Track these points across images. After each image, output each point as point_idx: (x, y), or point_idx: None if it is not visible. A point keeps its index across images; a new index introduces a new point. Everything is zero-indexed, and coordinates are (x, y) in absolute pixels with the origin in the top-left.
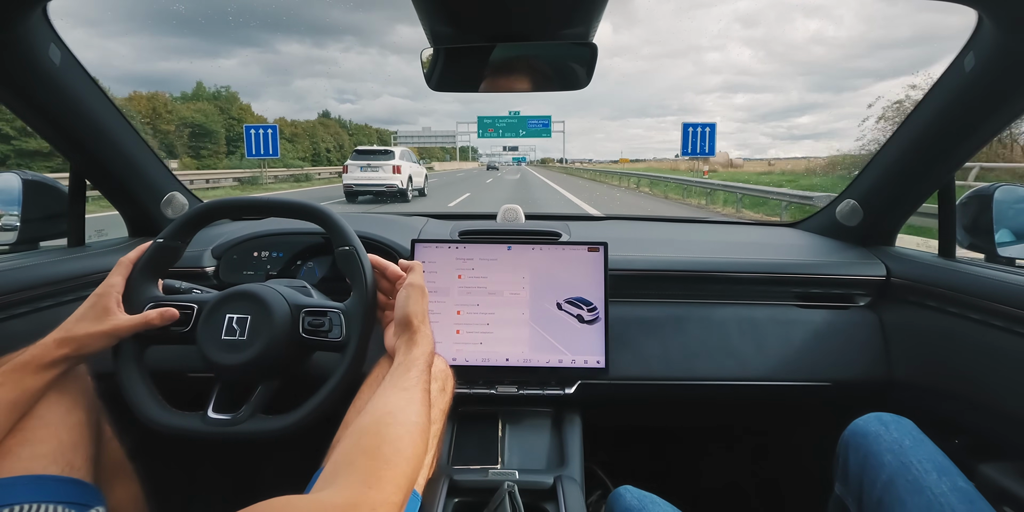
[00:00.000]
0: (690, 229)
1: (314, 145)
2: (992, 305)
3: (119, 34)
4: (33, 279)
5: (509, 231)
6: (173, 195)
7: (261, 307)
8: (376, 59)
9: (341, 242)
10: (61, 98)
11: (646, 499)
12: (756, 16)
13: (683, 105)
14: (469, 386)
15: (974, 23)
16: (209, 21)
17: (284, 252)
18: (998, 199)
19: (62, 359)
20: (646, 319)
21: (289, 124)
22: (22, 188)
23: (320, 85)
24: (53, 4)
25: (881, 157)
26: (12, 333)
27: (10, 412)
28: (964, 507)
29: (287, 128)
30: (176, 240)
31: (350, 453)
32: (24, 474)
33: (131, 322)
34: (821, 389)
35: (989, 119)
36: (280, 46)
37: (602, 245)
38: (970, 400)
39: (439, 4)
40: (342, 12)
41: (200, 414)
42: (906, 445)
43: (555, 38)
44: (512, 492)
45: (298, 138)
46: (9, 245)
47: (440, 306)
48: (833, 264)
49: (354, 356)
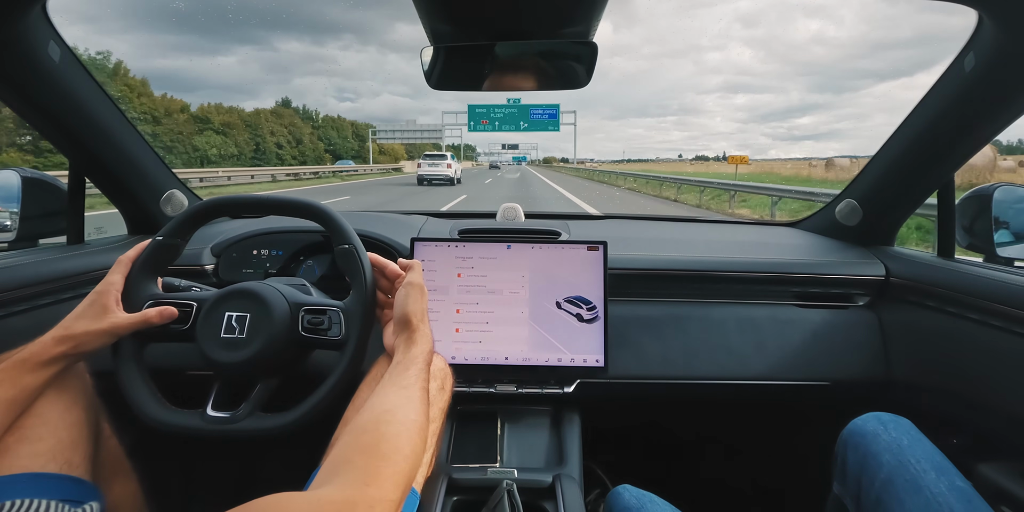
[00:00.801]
0: (689, 228)
1: (257, 139)
2: (991, 305)
3: (117, 31)
4: (32, 276)
5: (508, 230)
6: (172, 193)
7: (260, 305)
8: (375, 57)
9: (341, 240)
10: (60, 96)
11: (645, 498)
12: (757, 16)
13: (683, 105)
14: (468, 384)
15: (974, 23)
16: (208, 18)
17: (283, 250)
18: (997, 199)
19: (60, 356)
20: (645, 318)
21: (222, 111)
22: (21, 185)
23: (320, 83)
24: (52, 1)
25: (881, 157)
26: (11, 330)
27: (8, 409)
28: (962, 506)
29: (216, 117)
30: (175, 238)
31: (348, 451)
32: (22, 472)
33: (130, 320)
34: (820, 388)
35: (989, 119)
36: (279, 44)
37: (601, 244)
38: (968, 400)
39: (439, 3)
40: (341, 10)
41: (199, 412)
42: (904, 444)
43: (555, 37)
44: (511, 490)
45: (234, 130)
46: (8, 242)
47: (439, 305)
48: (832, 264)
49: (353, 354)
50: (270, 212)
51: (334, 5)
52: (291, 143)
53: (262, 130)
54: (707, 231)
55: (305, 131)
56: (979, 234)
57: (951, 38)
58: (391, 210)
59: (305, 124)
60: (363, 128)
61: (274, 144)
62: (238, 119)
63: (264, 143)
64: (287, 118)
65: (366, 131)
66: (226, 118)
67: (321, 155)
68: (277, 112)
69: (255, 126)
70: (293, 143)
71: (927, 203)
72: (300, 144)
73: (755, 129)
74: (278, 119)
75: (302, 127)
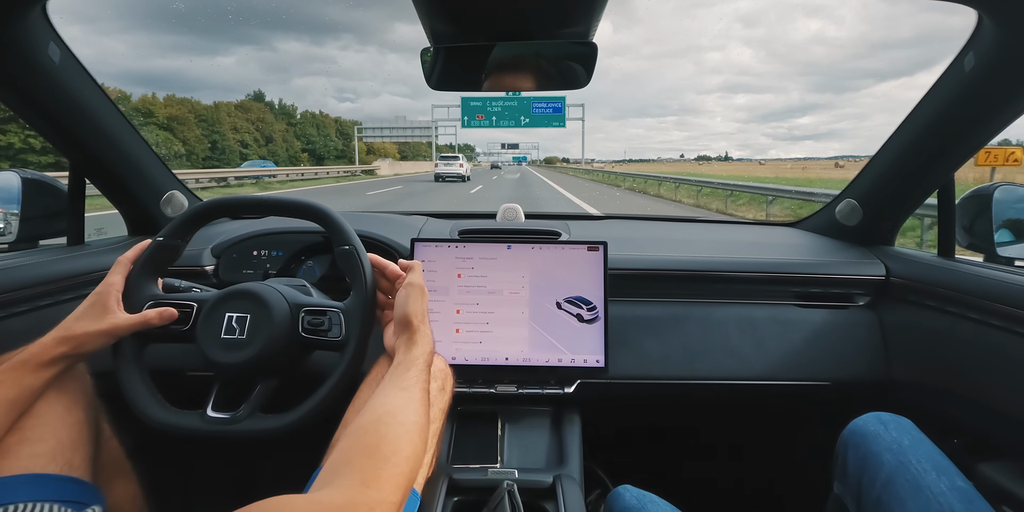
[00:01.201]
0: (690, 228)
1: (215, 135)
2: (991, 305)
3: (116, 31)
4: (32, 278)
5: (509, 230)
6: (172, 194)
7: (261, 306)
8: (375, 57)
9: (341, 241)
10: (60, 97)
11: (645, 498)
12: (757, 16)
13: (684, 105)
14: (469, 385)
15: (974, 23)
16: (207, 18)
17: (284, 251)
18: (997, 199)
19: (61, 357)
20: (645, 318)
21: (172, 103)
22: (21, 187)
23: (320, 84)
24: (52, 3)
25: (881, 156)
26: (11, 332)
27: (9, 410)
28: (963, 506)
29: (162, 110)
30: (176, 239)
31: (349, 452)
32: (23, 473)
33: (130, 321)
34: (820, 388)
35: (989, 119)
36: (278, 44)
37: (602, 244)
38: (969, 399)
39: (439, 3)
40: (340, 10)
41: (199, 413)
42: (905, 444)
43: (555, 37)
44: (511, 491)
45: (183, 125)
46: (8, 244)
47: (440, 305)
48: (832, 264)
49: (353, 355)
50: (270, 213)
51: (333, 5)
52: (259, 142)
53: (221, 126)
54: (707, 231)
55: (278, 128)
56: (979, 234)
57: (952, 38)
58: (392, 211)
59: (279, 120)
60: (348, 126)
61: (237, 142)
62: (189, 112)
63: (224, 141)
64: (255, 113)
65: (352, 128)
66: (173, 111)
67: (297, 154)
68: (244, 106)
69: (212, 121)
70: (262, 141)
71: (927, 203)
72: (271, 142)
73: (755, 129)
74: (244, 113)
75: (274, 124)
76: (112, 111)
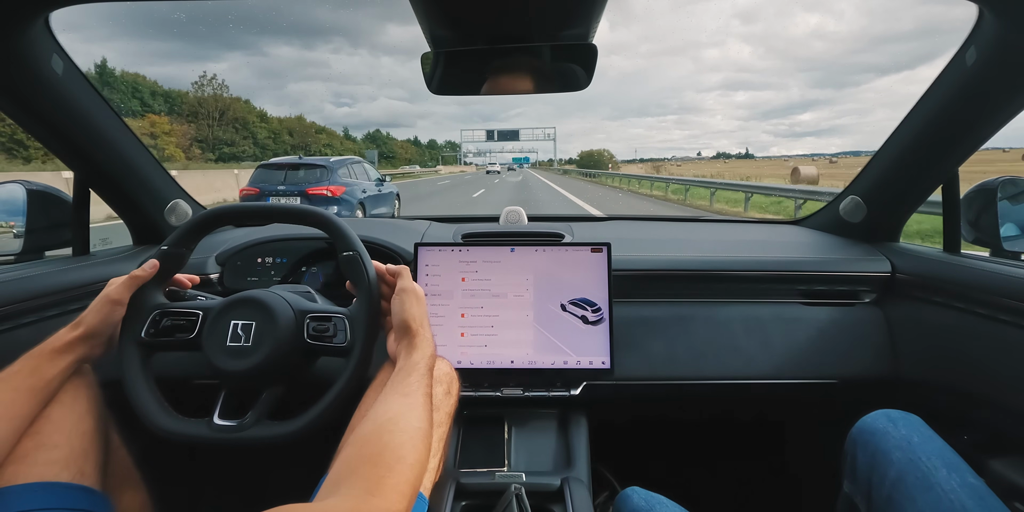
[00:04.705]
0: (693, 228)
1: None
2: (999, 299)
3: (102, 39)
4: (38, 289)
5: (512, 233)
6: (176, 203)
7: (266, 313)
8: (368, 60)
9: (345, 247)
10: (64, 108)
11: (653, 500)
12: (755, 11)
13: (683, 104)
14: (474, 389)
15: (975, 17)
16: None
17: (288, 258)
18: (1002, 193)
19: (75, 341)
20: (651, 319)
21: None
22: (26, 198)
23: (315, 89)
24: (55, 15)
25: (884, 152)
26: (19, 342)
27: (31, 398)
28: (974, 503)
29: None
30: (180, 247)
31: (352, 461)
32: (38, 480)
33: (122, 280)
34: (828, 387)
35: (992, 113)
36: (268, 49)
37: (605, 246)
38: (978, 395)
39: (438, 8)
40: (327, 11)
41: (206, 420)
42: (915, 442)
43: (555, 39)
44: (519, 494)
45: None
46: (14, 255)
47: (444, 309)
48: (837, 261)
49: (359, 361)
50: (274, 220)
51: (319, 6)
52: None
53: None
54: (711, 231)
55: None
56: (985, 228)
57: (953, 30)
58: (401, 216)
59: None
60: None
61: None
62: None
63: None
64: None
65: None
66: None
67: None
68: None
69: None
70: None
71: (931, 199)
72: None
73: (756, 126)
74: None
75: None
76: (116, 122)
